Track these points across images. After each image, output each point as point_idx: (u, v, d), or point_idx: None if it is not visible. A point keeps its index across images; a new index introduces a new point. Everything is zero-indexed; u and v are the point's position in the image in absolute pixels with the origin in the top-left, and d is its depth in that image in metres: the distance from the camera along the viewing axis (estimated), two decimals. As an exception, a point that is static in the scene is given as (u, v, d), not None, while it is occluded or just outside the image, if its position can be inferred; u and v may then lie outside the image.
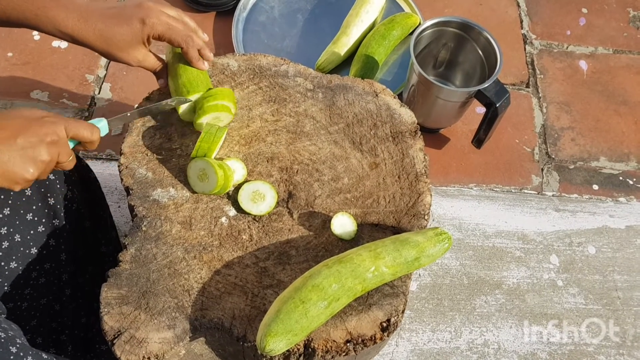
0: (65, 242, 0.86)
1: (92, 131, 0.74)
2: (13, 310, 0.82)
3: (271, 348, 0.68)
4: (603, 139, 1.42)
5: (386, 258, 0.76)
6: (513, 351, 1.15)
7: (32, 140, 0.67)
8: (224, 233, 0.83)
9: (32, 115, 0.69)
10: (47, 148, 0.68)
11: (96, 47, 0.79)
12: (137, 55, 0.82)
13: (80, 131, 0.73)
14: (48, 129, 0.68)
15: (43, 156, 0.67)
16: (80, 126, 0.73)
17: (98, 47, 0.79)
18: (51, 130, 0.68)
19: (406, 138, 0.93)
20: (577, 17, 1.62)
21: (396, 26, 1.39)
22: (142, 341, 0.73)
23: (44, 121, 0.69)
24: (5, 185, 0.66)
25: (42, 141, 0.67)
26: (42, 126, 0.68)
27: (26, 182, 0.68)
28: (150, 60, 0.85)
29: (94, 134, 0.75)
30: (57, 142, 0.69)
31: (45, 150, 0.68)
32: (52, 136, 0.68)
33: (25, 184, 0.68)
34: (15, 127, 0.66)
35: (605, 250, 1.28)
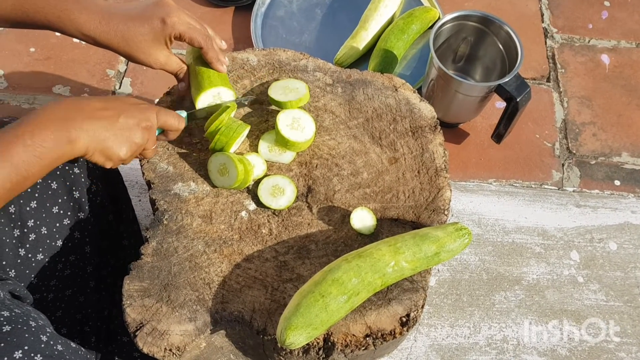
0: (89, 235, 0.87)
1: (179, 120, 0.81)
2: (39, 301, 0.84)
3: (291, 341, 0.69)
4: (625, 134, 1.40)
5: (406, 253, 0.76)
6: (532, 347, 1.14)
7: (130, 122, 0.73)
8: (244, 227, 0.84)
9: (131, 101, 0.76)
10: (142, 132, 0.74)
11: (119, 49, 0.80)
12: (159, 56, 0.82)
13: (170, 120, 0.79)
14: (144, 115, 0.75)
15: (137, 138, 0.74)
16: (170, 115, 0.79)
17: (120, 49, 0.79)
18: (146, 116, 0.75)
19: (426, 133, 0.92)
20: (599, 10, 1.59)
21: (415, 20, 1.38)
22: (164, 333, 0.74)
23: (140, 107, 0.75)
24: (100, 161, 0.72)
25: (138, 125, 0.74)
26: (140, 111, 0.74)
27: (119, 160, 0.73)
28: (173, 63, 0.85)
29: (180, 123, 0.81)
30: (150, 128, 0.76)
31: (140, 134, 0.74)
32: (147, 122, 0.75)
33: (118, 162, 0.74)
34: (118, 108, 0.73)
35: (627, 246, 1.26)
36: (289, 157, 0.89)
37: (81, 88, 1.40)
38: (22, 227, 0.78)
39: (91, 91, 1.39)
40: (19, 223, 0.78)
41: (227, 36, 1.49)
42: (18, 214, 0.77)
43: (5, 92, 1.38)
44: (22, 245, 0.79)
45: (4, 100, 1.37)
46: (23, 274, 0.80)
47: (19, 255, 0.79)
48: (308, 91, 0.91)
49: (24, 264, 0.80)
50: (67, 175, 0.82)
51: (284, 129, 0.86)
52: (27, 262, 0.80)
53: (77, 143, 0.69)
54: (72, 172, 0.82)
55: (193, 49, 0.89)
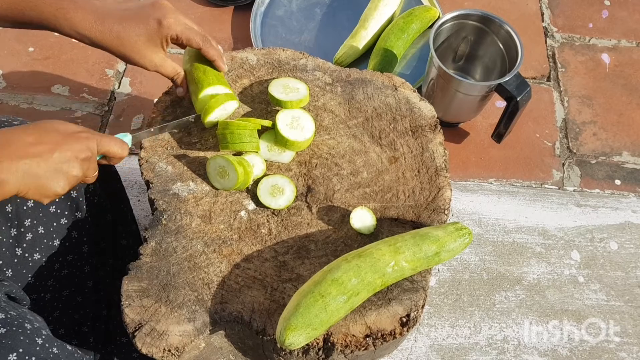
0: (87, 235, 0.87)
1: (122, 147, 0.76)
2: (36, 301, 0.83)
3: (291, 342, 0.68)
4: (626, 134, 1.40)
5: (406, 253, 0.75)
6: (533, 347, 1.14)
7: (67, 155, 0.68)
8: (243, 227, 0.83)
9: (67, 130, 0.70)
10: (80, 164, 0.69)
11: (114, 50, 0.79)
12: (154, 58, 0.81)
13: (112, 147, 0.74)
14: (82, 145, 0.70)
15: (75, 171, 0.69)
16: (112, 142, 0.74)
17: (115, 49, 0.79)
18: (85, 147, 0.70)
19: (426, 132, 0.92)
20: (599, 10, 1.59)
21: (415, 19, 1.38)
22: (163, 334, 0.74)
23: (79, 137, 0.70)
24: (36, 198, 0.68)
25: (76, 157, 0.69)
26: (78, 142, 0.69)
27: (56, 195, 0.69)
28: (168, 66, 0.84)
29: (123, 150, 0.76)
30: (89, 158, 0.71)
31: (78, 166, 0.69)
32: (86, 152, 0.70)
33: (54, 197, 0.69)
34: (53, 142, 0.68)
35: (628, 246, 1.26)
36: (289, 157, 0.88)
37: (80, 88, 1.39)
38: (19, 227, 0.78)
39: (90, 90, 1.39)
40: (16, 222, 0.77)
41: (227, 35, 1.48)
42: (15, 213, 0.77)
43: (4, 91, 1.38)
44: (19, 245, 0.78)
45: (3, 100, 1.37)
46: (20, 274, 0.80)
47: (15, 255, 0.78)
48: (308, 92, 0.90)
49: (20, 264, 0.79)
50: None
51: (284, 128, 0.86)
52: (24, 261, 0.80)
53: (7, 185, 0.64)
54: None
55: (189, 52, 0.89)
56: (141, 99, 1.39)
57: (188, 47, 0.87)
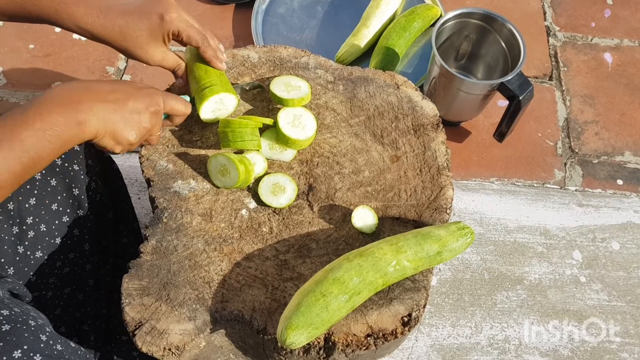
0: (88, 233, 0.87)
1: (185, 105, 0.81)
2: (38, 299, 0.83)
3: (292, 341, 0.68)
4: (628, 133, 1.40)
5: (408, 252, 0.75)
6: (534, 347, 1.14)
7: (139, 106, 0.73)
8: (244, 225, 0.83)
9: (138, 85, 0.76)
10: (150, 116, 0.74)
11: (116, 44, 0.78)
12: (156, 53, 0.81)
13: (177, 105, 0.79)
14: (152, 99, 0.74)
15: (146, 122, 0.74)
16: (177, 100, 0.79)
17: (117, 44, 0.78)
18: (155, 101, 0.75)
19: (428, 131, 0.91)
20: (602, 9, 1.59)
21: (417, 18, 1.37)
22: (163, 332, 0.74)
23: (148, 91, 0.75)
24: (110, 145, 0.72)
25: (147, 109, 0.74)
26: (148, 95, 0.74)
27: (129, 144, 0.73)
28: (170, 60, 0.83)
29: (187, 108, 0.81)
30: (157, 113, 0.76)
31: (148, 118, 0.74)
32: (155, 106, 0.75)
33: (127, 146, 0.73)
34: (127, 92, 0.72)
35: (630, 246, 1.25)
36: (290, 155, 0.88)
37: (81, 85, 1.39)
38: (20, 224, 0.77)
39: (91, 88, 1.38)
40: (18, 220, 0.77)
41: (228, 33, 1.48)
42: (17, 211, 0.77)
43: (5, 88, 1.37)
44: (20, 243, 0.78)
45: (3, 97, 1.36)
46: (22, 272, 0.80)
47: (17, 253, 0.78)
48: (310, 90, 0.90)
49: (22, 262, 0.79)
50: (66, 172, 0.81)
51: (285, 126, 0.86)
52: (25, 259, 0.79)
53: (86, 126, 0.68)
54: (72, 169, 0.82)
55: (191, 48, 0.88)
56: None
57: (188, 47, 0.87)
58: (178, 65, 0.85)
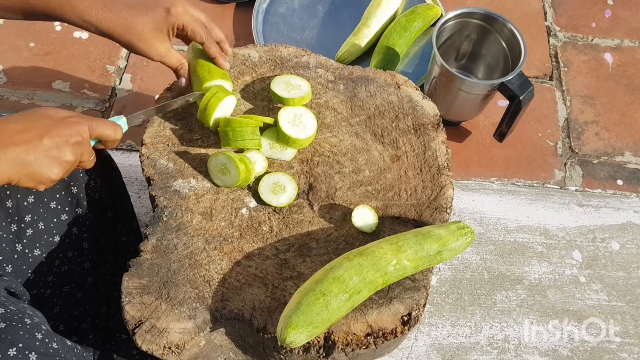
0: (87, 231, 0.86)
1: (114, 130, 0.74)
2: (36, 297, 0.83)
3: (292, 340, 0.68)
4: (628, 134, 1.40)
5: (408, 251, 0.75)
6: (534, 347, 1.14)
7: (57, 141, 0.67)
8: (245, 224, 0.83)
9: (57, 115, 0.69)
10: (72, 149, 0.68)
11: (119, 37, 0.78)
12: (160, 48, 0.80)
13: (104, 131, 0.73)
14: (72, 130, 0.68)
15: (68, 156, 0.68)
16: (104, 126, 0.73)
17: (121, 37, 0.78)
18: (75, 131, 0.69)
19: (428, 130, 0.91)
20: (602, 9, 1.59)
21: (417, 17, 1.37)
22: (163, 331, 0.74)
23: (68, 122, 0.69)
24: (31, 186, 0.67)
25: (67, 142, 0.68)
26: (67, 127, 0.68)
27: (51, 182, 0.68)
28: (173, 57, 0.83)
29: (116, 133, 0.75)
30: (81, 143, 0.69)
31: (70, 151, 0.68)
32: (77, 137, 0.69)
33: (50, 183, 0.68)
34: (42, 128, 0.66)
35: (630, 246, 1.25)
36: (290, 154, 0.88)
37: (81, 84, 1.39)
38: (19, 222, 0.77)
39: (91, 87, 1.38)
40: (16, 218, 0.77)
41: (228, 32, 1.48)
42: (15, 209, 0.77)
43: (5, 87, 1.37)
44: (19, 241, 0.78)
45: (3, 96, 1.36)
46: (20, 270, 0.80)
47: (16, 251, 0.78)
48: (311, 90, 0.90)
49: (20, 260, 0.79)
50: None
51: (286, 125, 0.86)
52: (24, 257, 0.79)
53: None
54: None
55: (194, 46, 0.88)
56: (142, 95, 1.38)
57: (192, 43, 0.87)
58: (181, 64, 0.85)
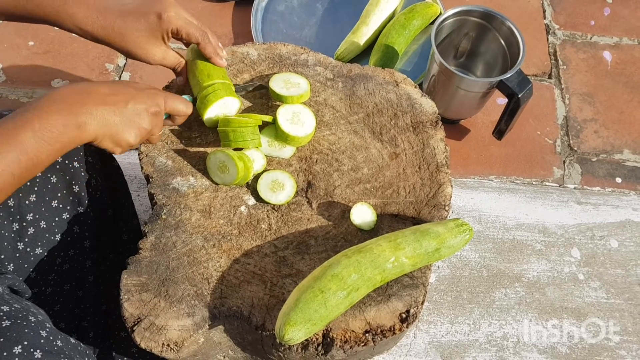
0: (88, 230, 0.87)
1: (186, 105, 0.81)
2: (38, 295, 0.83)
3: (290, 337, 0.68)
4: (627, 131, 1.40)
5: (406, 249, 0.75)
6: (532, 345, 1.14)
7: (139, 108, 0.73)
8: (243, 222, 0.83)
9: (139, 86, 0.76)
10: (150, 117, 0.74)
11: (116, 45, 0.79)
12: (156, 52, 0.81)
13: (178, 105, 0.79)
14: (152, 100, 0.75)
15: (145, 124, 0.74)
16: (178, 100, 0.80)
17: (117, 45, 0.79)
18: (155, 102, 0.75)
19: (427, 128, 0.92)
20: (601, 7, 1.59)
21: (416, 15, 1.38)
22: (162, 328, 0.74)
23: (149, 92, 0.75)
24: (109, 147, 0.72)
25: (147, 110, 0.74)
26: (148, 96, 0.74)
27: (129, 146, 0.73)
28: (170, 58, 0.84)
29: (188, 108, 0.81)
30: (158, 113, 0.76)
31: (148, 119, 0.74)
32: (156, 107, 0.75)
33: (127, 147, 0.74)
34: (127, 94, 0.73)
35: (628, 244, 1.25)
36: (289, 152, 0.88)
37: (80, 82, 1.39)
38: (21, 221, 0.78)
39: (90, 85, 1.38)
40: (18, 217, 0.77)
41: (227, 31, 1.48)
42: (17, 208, 0.77)
43: (4, 85, 1.38)
44: (21, 239, 0.78)
45: (3, 94, 1.36)
46: (22, 268, 0.80)
47: (17, 249, 0.78)
48: (309, 87, 0.90)
49: (22, 258, 0.79)
50: (66, 169, 0.81)
51: (284, 123, 0.86)
52: (25, 256, 0.80)
53: (86, 128, 0.68)
54: (72, 166, 0.82)
55: (192, 47, 0.88)
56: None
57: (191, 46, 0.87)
58: (178, 62, 0.85)
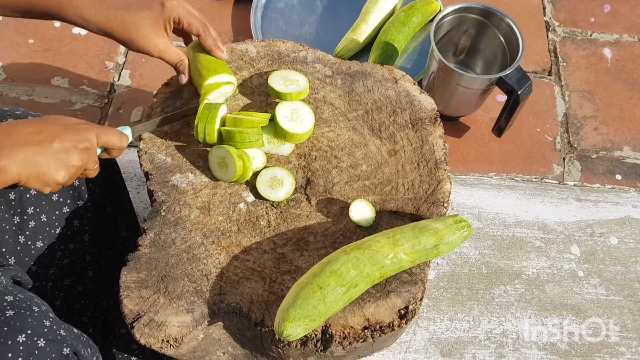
0: (88, 224, 0.87)
1: (121, 139, 0.77)
2: (38, 289, 0.84)
3: (289, 333, 0.69)
4: (627, 128, 1.40)
5: (405, 245, 0.75)
6: (532, 342, 1.14)
7: (66, 145, 0.69)
8: (242, 219, 0.83)
9: (68, 122, 0.72)
10: (79, 154, 0.71)
11: (119, 35, 0.79)
12: (159, 43, 0.81)
13: (111, 139, 0.76)
14: (81, 136, 0.71)
15: (75, 161, 0.70)
16: (111, 134, 0.76)
17: (120, 35, 0.79)
18: (84, 137, 0.71)
19: (426, 125, 0.92)
20: (601, 4, 1.58)
21: (416, 13, 1.37)
22: (161, 324, 0.74)
23: (78, 128, 0.71)
24: (37, 187, 0.69)
25: (75, 147, 0.70)
26: (76, 132, 0.71)
27: (57, 185, 0.70)
28: (172, 52, 0.84)
29: (122, 142, 0.77)
30: (89, 149, 0.72)
31: (77, 156, 0.70)
32: (85, 143, 0.71)
33: (55, 187, 0.71)
34: (52, 132, 0.69)
35: (628, 240, 1.25)
36: (288, 149, 0.88)
37: (80, 80, 1.39)
38: (22, 214, 0.78)
39: (90, 83, 1.39)
40: (19, 210, 0.78)
41: (227, 28, 1.48)
42: (18, 201, 0.77)
43: (4, 83, 1.38)
44: (21, 233, 0.79)
45: (3, 92, 1.37)
46: (22, 262, 0.80)
47: (18, 243, 0.79)
48: (308, 85, 0.90)
49: (23, 251, 0.80)
50: None
51: (283, 120, 0.86)
52: (26, 249, 0.80)
53: (7, 172, 0.65)
54: None
55: (192, 45, 0.89)
56: (141, 91, 1.39)
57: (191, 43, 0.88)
58: (180, 60, 0.85)
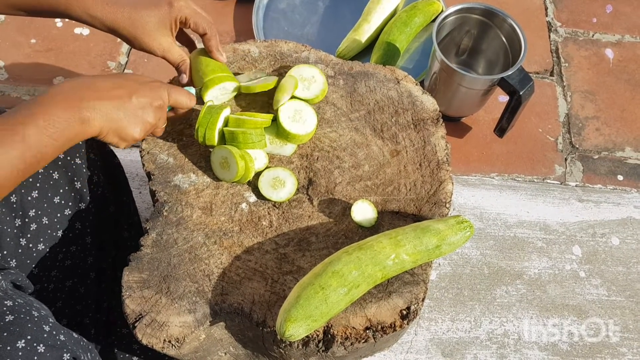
0: (90, 226, 0.87)
1: (190, 98, 0.80)
2: (40, 291, 0.84)
3: (291, 333, 0.69)
4: (629, 129, 1.40)
5: (407, 245, 0.75)
6: (533, 342, 1.14)
7: (143, 102, 0.72)
8: (244, 219, 0.83)
9: (142, 79, 0.75)
10: (154, 111, 0.74)
11: (124, 32, 0.79)
12: (163, 42, 0.81)
13: (181, 98, 0.79)
14: (156, 93, 0.74)
15: (150, 118, 0.73)
16: (181, 93, 0.79)
17: (126, 32, 0.79)
18: (158, 95, 0.75)
19: (428, 125, 0.92)
20: (603, 5, 1.58)
21: (418, 13, 1.37)
22: (163, 325, 0.74)
23: (152, 85, 0.75)
24: (114, 142, 0.72)
25: (151, 104, 0.73)
26: (152, 90, 0.74)
27: (133, 140, 0.73)
28: (175, 52, 0.84)
29: (191, 101, 0.81)
30: (162, 107, 0.76)
31: (152, 113, 0.74)
32: (159, 100, 0.75)
33: (131, 141, 0.73)
34: (130, 88, 0.72)
35: (630, 241, 1.25)
36: (290, 150, 0.88)
37: (82, 80, 1.39)
38: (23, 217, 0.78)
39: (92, 83, 1.39)
40: (20, 213, 0.78)
41: (229, 28, 1.48)
42: (19, 204, 0.77)
43: (6, 83, 1.38)
44: (23, 235, 0.79)
45: (5, 92, 1.37)
46: (24, 264, 0.80)
47: (20, 245, 0.79)
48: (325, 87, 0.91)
49: (24, 254, 0.80)
50: (68, 165, 0.81)
51: (286, 121, 0.86)
52: (28, 252, 0.80)
53: (90, 123, 0.68)
54: (74, 163, 0.82)
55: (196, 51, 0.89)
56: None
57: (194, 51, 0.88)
58: (182, 60, 0.86)
